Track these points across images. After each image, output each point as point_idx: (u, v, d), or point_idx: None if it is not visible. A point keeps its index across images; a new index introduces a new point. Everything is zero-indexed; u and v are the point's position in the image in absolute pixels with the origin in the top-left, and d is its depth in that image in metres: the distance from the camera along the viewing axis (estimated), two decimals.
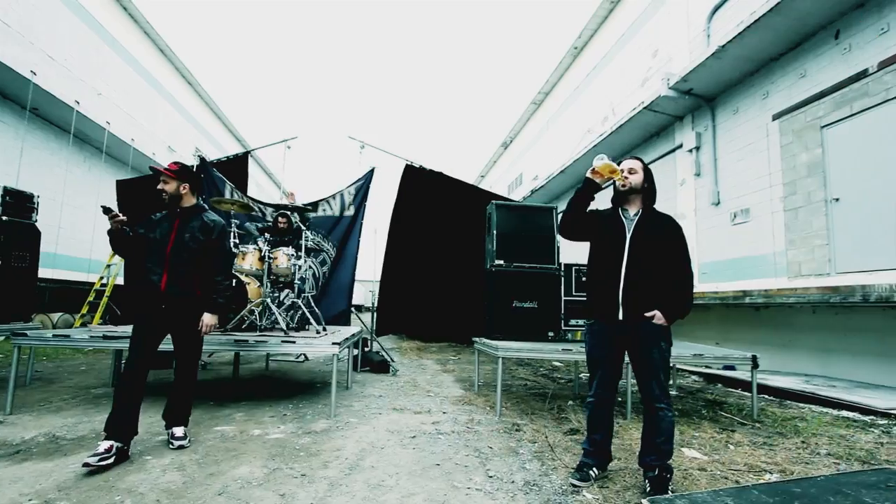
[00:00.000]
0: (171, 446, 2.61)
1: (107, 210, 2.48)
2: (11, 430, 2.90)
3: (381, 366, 5.73)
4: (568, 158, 11.77)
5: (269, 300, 4.18)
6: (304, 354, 6.25)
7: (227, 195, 6.35)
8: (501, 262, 4.56)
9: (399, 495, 2.10)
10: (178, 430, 2.67)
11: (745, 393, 4.84)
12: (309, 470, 2.37)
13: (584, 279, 2.64)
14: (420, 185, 6.58)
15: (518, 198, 15.58)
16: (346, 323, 6.01)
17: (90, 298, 8.07)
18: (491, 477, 2.36)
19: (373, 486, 2.19)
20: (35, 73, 8.34)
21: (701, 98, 7.84)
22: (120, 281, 7.90)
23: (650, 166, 8.50)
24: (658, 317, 2.18)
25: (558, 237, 4.82)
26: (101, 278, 8.34)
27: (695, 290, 7.52)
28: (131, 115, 12.27)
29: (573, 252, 6.30)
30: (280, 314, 4.19)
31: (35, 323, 5.22)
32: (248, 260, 4.36)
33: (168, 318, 2.62)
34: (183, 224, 2.67)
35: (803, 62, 6.10)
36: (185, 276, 2.63)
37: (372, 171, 6.43)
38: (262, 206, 6.38)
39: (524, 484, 2.28)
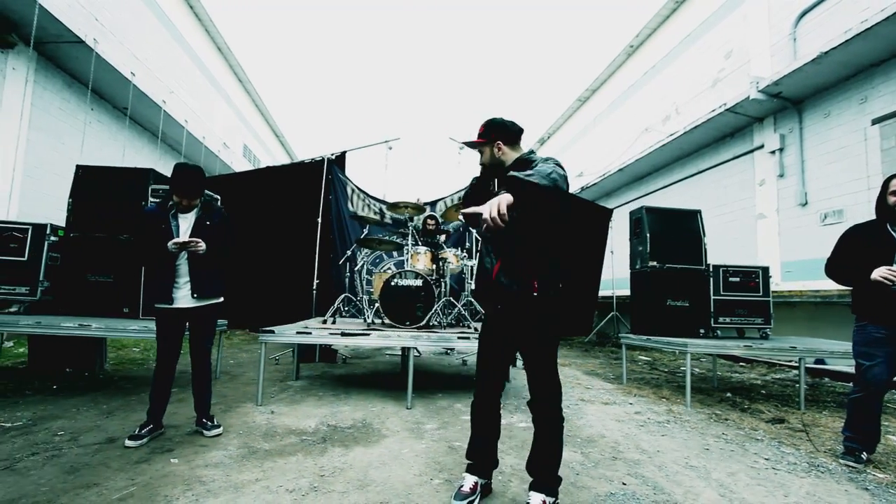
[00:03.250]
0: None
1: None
2: (292, 420, 3.17)
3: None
4: (629, 157, 11.98)
5: (453, 299, 4.45)
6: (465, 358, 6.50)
7: (349, 194, 6.60)
8: (655, 263, 4.84)
9: (720, 475, 2.39)
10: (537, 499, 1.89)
11: None
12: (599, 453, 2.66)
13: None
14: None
15: None
16: None
17: None
18: (767, 459, 2.65)
19: (685, 467, 2.48)
20: (134, 74, 8.54)
21: (787, 101, 8.06)
22: None
23: (723, 166, 9.03)
24: None
25: (705, 238, 5.12)
26: None
27: (780, 289, 7.82)
28: (196, 112, 12.46)
29: (719, 253, 6.56)
30: (464, 312, 4.47)
31: None
32: (421, 261, 4.63)
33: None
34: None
35: None
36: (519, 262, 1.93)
37: None
38: (382, 207, 6.62)
39: (808, 465, 2.57)
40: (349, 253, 5.17)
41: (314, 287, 5.95)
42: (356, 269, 4.78)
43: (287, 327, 3.80)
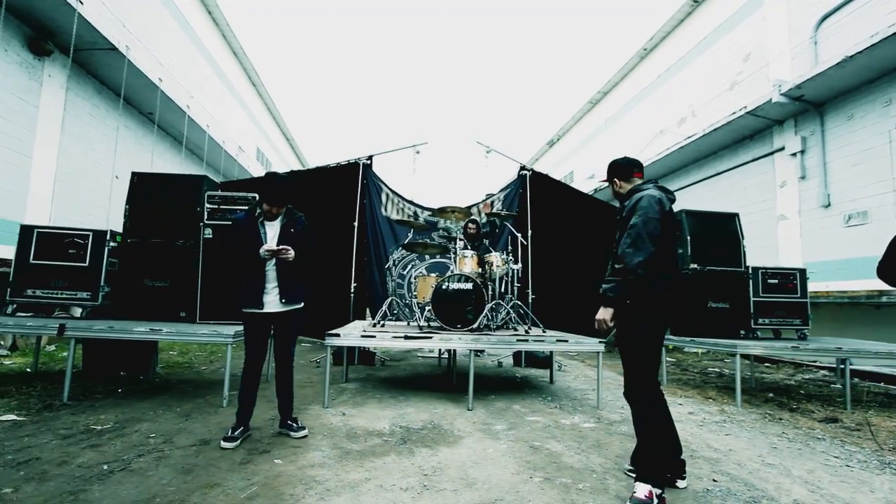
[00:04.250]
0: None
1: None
2: (365, 421, 3.25)
3: (544, 362, 6.10)
4: (644, 159, 12.06)
5: (501, 301, 4.53)
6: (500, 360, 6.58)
7: (384, 199, 6.68)
8: (696, 265, 4.93)
9: (800, 472, 2.47)
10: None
11: None
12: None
13: None
14: (544, 191, 6.91)
15: None
16: None
17: None
18: (837, 457, 2.74)
19: (763, 465, 2.56)
20: (161, 80, 8.62)
21: (808, 103, 8.16)
22: None
23: (741, 168, 9.18)
24: None
25: (744, 241, 5.21)
26: None
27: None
28: (214, 117, 12.54)
29: (758, 255, 6.63)
30: (513, 313, 4.55)
31: None
32: (468, 264, 4.71)
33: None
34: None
35: None
36: None
37: (524, 177, 6.75)
38: (416, 211, 6.70)
39: (879, 463, 2.65)
40: (395, 256, 5.25)
41: (352, 291, 6.02)
42: (404, 272, 4.86)
43: (349, 331, 3.88)
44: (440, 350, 6.53)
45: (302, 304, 2.92)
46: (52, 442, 2.54)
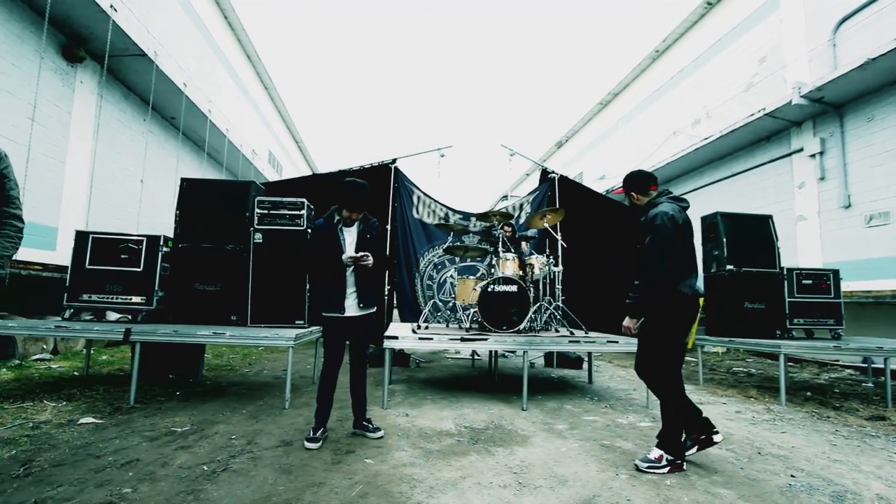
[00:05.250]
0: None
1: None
2: (429, 422, 3.32)
3: (576, 363, 6.18)
4: (658, 160, 12.17)
5: (544, 303, 4.61)
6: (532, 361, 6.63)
7: (415, 201, 6.76)
8: (732, 266, 5.01)
9: (869, 468, 2.55)
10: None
11: None
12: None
13: None
14: (569, 194, 6.98)
15: None
16: None
17: None
18: None
19: (831, 461, 2.64)
20: (186, 85, 8.70)
21: (828, 105, 8.25)
22: None
23: (758, 169, 9.33)
24: None
25: (778, 242, 5.29)
26: None
27: None
28: (230, 121, 12.62)
29: (792, 256, 6.68)
30: (557, 315, 4.63)
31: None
32: (509, 267, 4.79)
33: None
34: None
35: None
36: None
37: (553, 180, 6.83)
38: (448, 212, 6.78)
39: None
40: (429, 259, 5.32)
41: (385, 294, 6.10)
42: (434, 275, 4.94)
43: (404, 333, 3.94)
44: (473, 351, 6.60)
45: (375, 309, 2.99)
46: (143, 444, 2.62)
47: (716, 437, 2.54)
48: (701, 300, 5.62)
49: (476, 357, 6.81)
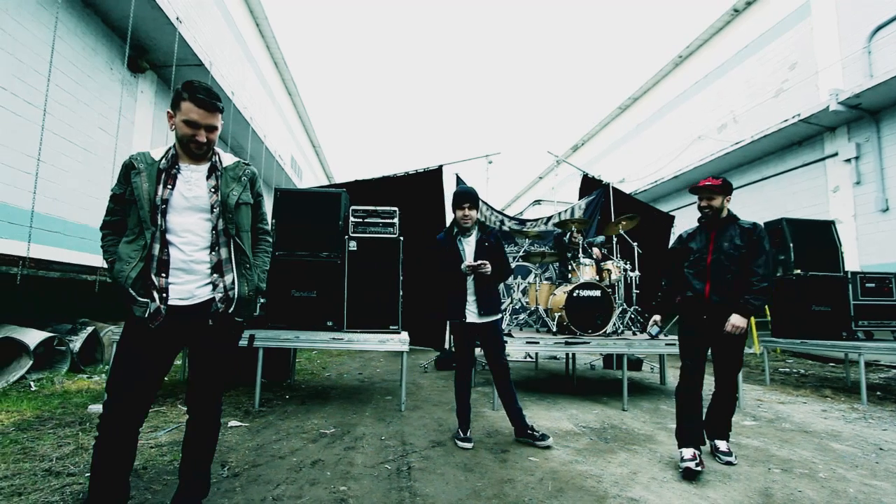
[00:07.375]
0: (719, 461, 2.67)
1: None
2: (548, 422, 3.48)
3: (636, 364, 6.35)
4: (685, 164, 12.38)
5: (626, 306, 4.78)
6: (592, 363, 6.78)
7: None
8: (799, 270, 5.20)
9: None
10: (723, 445, 2.73)
11: None
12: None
13: None
14: (617, 201, 7.16)
15: None
16: None
17: None
18: None
19: None
20: (234, 94, 8.84)
21: (863, 111, 8.47)
22: None
23: (790, 174, 9.68)
24: None
25: (842, 247, 5.48)
26: None
27: None
28: (262, 128, 12.76)
29: (855, 260, 6.88)
30: (639, 319, 4.80)
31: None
32: (587, 272, 4.96)
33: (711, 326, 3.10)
34: (720, 234, 2.77)
35: None
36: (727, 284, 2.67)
37: (606, 186, 7.00)
38: (504, 218, 6.95)
39: None
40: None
41: None
42: (529, 281, 5.10)
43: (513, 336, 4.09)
44: (536, 354, 6.74)
45: (500, 316, 3.13)
46: (309, 445, 2.76)
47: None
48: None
49: (530, 359, 6.97)
